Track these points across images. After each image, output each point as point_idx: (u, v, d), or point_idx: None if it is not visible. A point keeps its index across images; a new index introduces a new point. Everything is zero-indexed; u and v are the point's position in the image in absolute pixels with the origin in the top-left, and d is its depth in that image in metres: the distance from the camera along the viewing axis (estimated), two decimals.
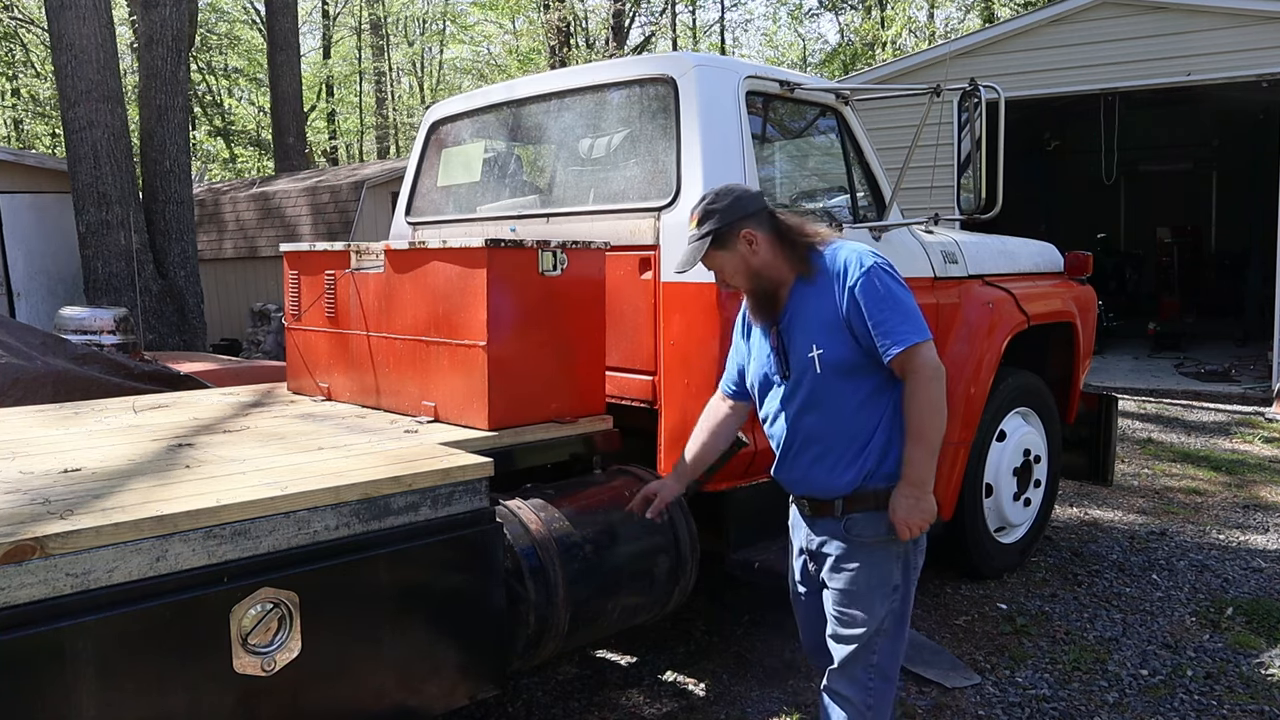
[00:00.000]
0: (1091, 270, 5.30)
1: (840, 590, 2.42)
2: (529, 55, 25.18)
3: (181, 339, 10.12)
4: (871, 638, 2.39)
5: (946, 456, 4.12)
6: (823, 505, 2.45)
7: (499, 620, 2.67)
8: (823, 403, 2.38)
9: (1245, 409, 8.93)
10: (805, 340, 2.38)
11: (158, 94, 10.21)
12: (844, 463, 2.39)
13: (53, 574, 1.93)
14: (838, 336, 2.34)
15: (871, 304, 2.30)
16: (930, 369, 2.30)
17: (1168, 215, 15.16)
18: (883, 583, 2.40)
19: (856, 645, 2.40)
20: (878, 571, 2.40)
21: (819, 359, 2.35)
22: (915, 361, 2.30)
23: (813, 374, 2.37)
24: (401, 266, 3.28)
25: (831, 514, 2.43)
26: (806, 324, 2.39)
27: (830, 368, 2.35)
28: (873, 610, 2.39)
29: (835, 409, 2.38)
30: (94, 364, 4.51)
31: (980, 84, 3.78)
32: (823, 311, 2.36)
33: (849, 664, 2.41)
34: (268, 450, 2.77)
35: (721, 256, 2.43)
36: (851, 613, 2.40)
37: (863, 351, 2.33)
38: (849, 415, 2.37)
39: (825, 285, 2.37)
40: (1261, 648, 3.85)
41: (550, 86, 3.98)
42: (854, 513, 2.40)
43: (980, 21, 23.15)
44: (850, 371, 2.35)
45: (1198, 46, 9.39)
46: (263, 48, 23.45)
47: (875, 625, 2.39)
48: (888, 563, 2.40)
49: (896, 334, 2.29)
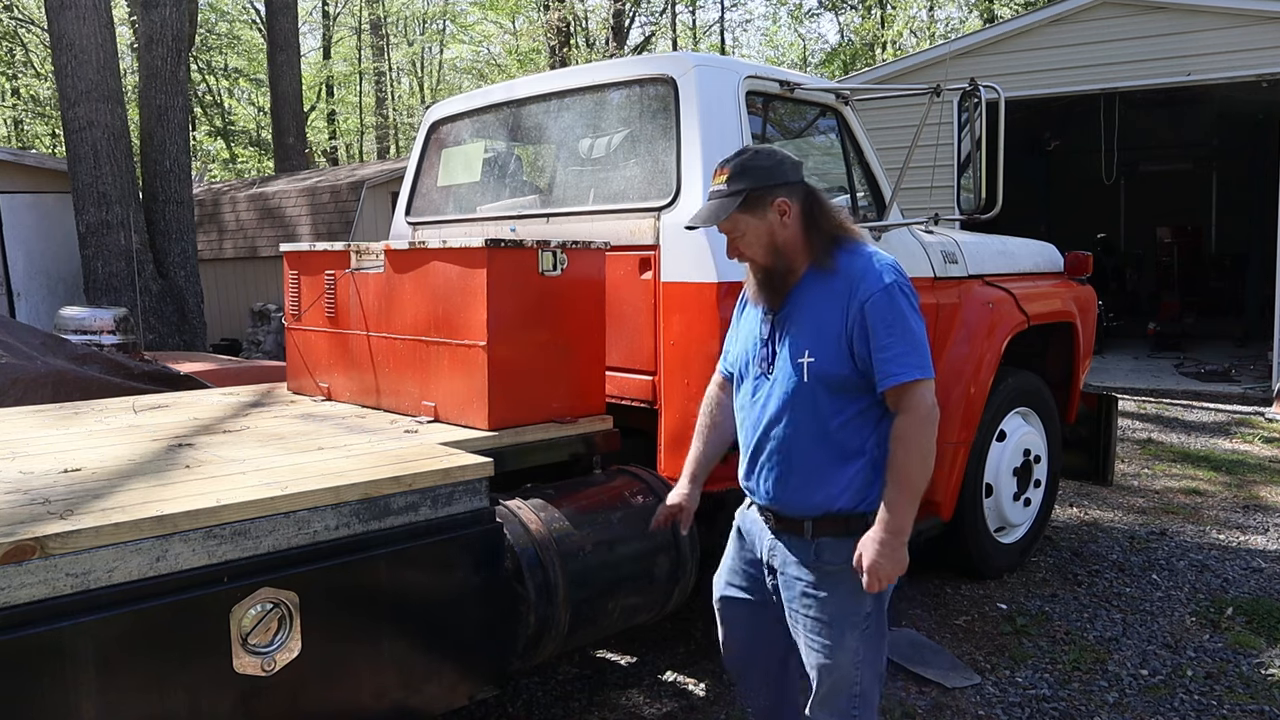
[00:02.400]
0: (1091, 270, 5.30)
1: (811, 619, 2.26)
2: (529, 55, 25.19)
3: (181, 339, 10.13)
4: (850, 669, 2.25)
5: (946, 456, 4.13)
6: (790, 523, 2.28)
7: (499, 620, 2.67)
8: (801, 413, 2.20)
9: (1245, 409, 8.93)
10: (799, 342, 2.20)
11: (158, 94, 10.21)
12: (815, 482, 2.21)
13: (53, 574, 1.93)
14: (835, 349, 2.16)
15: (880, 325, 2.12)
16: (926, 409, 2.12)
17: (1168, 215, 15.16)
18: (853, 612, 2.23)
19: (836, 676, 2.26)
20: (848, 602, 2.23)
21: (808, 366, 2.17)
22: (913, 399, 2.12)
23: (797, 380, 2.19)
24: (401, 266, 3.28)
25: (800, 534, 2.25)
26: (805, 325, 2.21)
27: (818, 379, 2.17)
28: (844, 642, 2.24)
29: (814, 423, 2.19)
30: (94, 364, 4.51)
31: (980, 84, 3.78)
32: (826, 317, 2.18)
33: (832, 697, 2.28)
34: (268, 450, 2.76)
35: (746, 221, 2.21)
36: (824, 643, 2.25)
37: (857, 371, 2.16)
38: (828, 434, 2.19)
39: (837, 289, 2.18)
40: (1261, 648, 3.85)
41: (550, 86, 3.98)
42: (825, 536, 2.22)
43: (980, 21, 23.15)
44: (839, 388, 2.17)
45: (1198, 46, 9.40)
46: (263, 48, 23.46)
47: (850, 656, 2.24)
48: (858, 592, 2.19)
49: (900, 363, 2.11)
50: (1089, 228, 14.70)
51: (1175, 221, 14.94)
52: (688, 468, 2.55)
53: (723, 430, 2.53)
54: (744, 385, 2.36)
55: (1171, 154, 15.11)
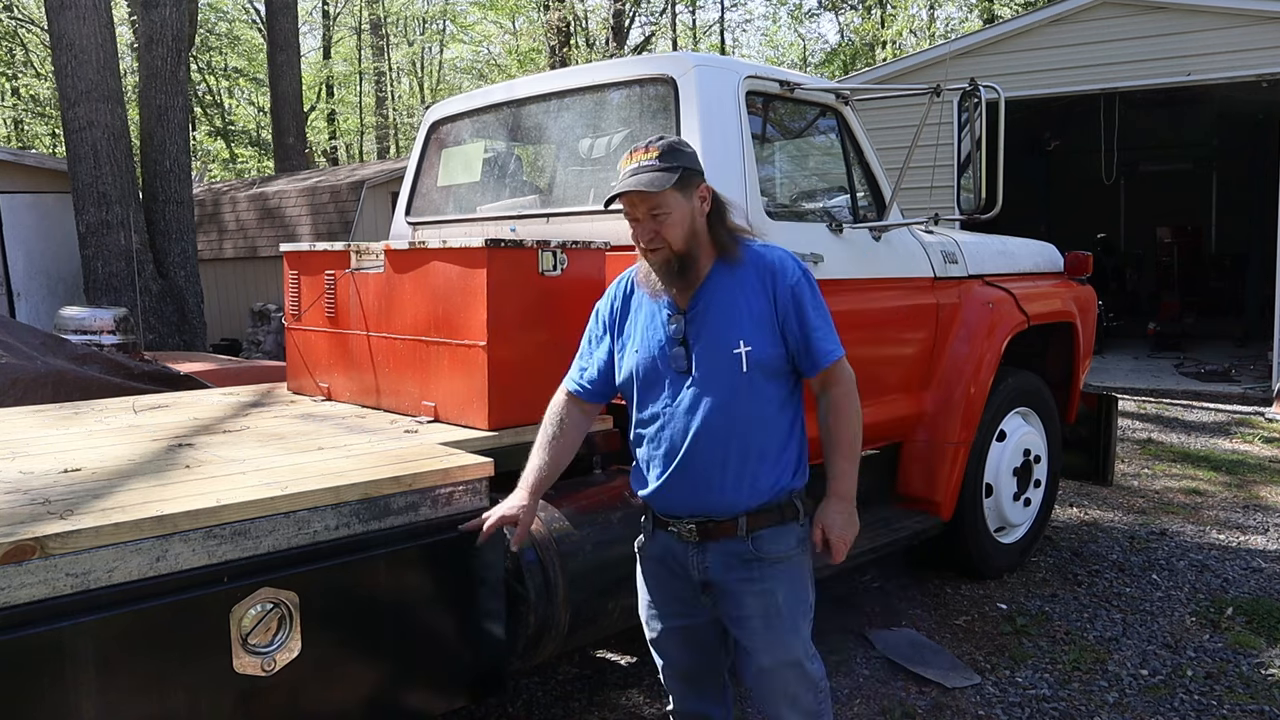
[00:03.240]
0: (1091, 270, 5.30)
1: (763, 617, 2.22)
2: (529, 55, 25.19)
3: (181, 339, 10.12)
4: (808, 662, 2.26)
5: (946, 456, 4.13)
6: (719, 527, 2.22)
7: (499, 620, 2.67)
8: (743, 403, 2.18)
9: (1245, 409, 8.93)
10: (727, 335, 2.18)
11: (158, 94, 10.21)
12: (755, 471, 2.19)
13: (53, 574, 1.93)
14: (768, 335, 2.19)
15: (811, 308, 2.21)
16: (852, 381, 2.26)
17: (1168, 215, 15.16)
18: (801, 600, 2.25)
19: (797, 672, 2.25)
20: (794, 591, 2.24)
21: (746, 356, 2.17)
22: (843, 373, 2.24)
23: (734, 372, 2.17)
24: (401, 266, 3.28)
25: (732, 535, 2.21)
26: (731, 316, 2.20)
27: (757, 366, 2.18)
28: (799, 630, 2.24)
29: (757, 410, 2.19)
30: (94, 364, 4.51)
31: (980, 84, 3.78)
32: (751, 306, 2.20)
33: (797, 695, 2.26)
34: (268, 450, 2.76)
35: (675, 200, 2.16)
36: (780, 638, 2.23)
37: (788, 354, 2.22)
38: (770, 419, 2.21)
39: (751, 279, 2.21)
40: (1261, 648, 3.85)
41: (550, 86, 3.98)
42: (761, 529, 2.21)
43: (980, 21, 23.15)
44: (773, 373, 2.21)
45: (1198, 46, 9.40)
46: (263, 48, 23.47)
47: (804, 646, 2.25)
48: (801, 579, 2.25)
49: (829, 343, 2.22)
50: (1089, 228, 14.70)
51: (1175, 221, 14.95)
52: (527, 479, 2.41)
53: (567, 444, 2.44)
54: (656, 392, 2.26)
55: (1171, 154, 15.11)
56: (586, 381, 2.44)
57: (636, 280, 2.35)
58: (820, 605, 2.40)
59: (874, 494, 4.24)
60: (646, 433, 2.29)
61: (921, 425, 4.19)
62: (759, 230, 3.28)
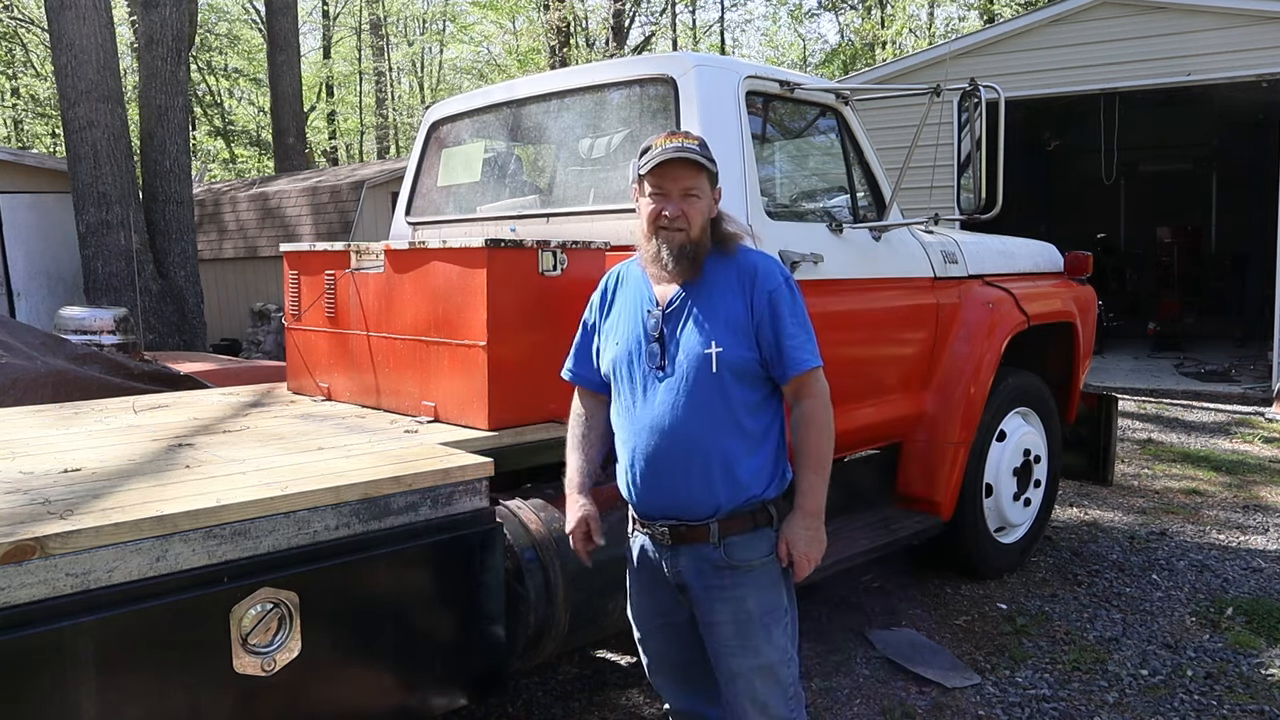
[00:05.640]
0: (1091, 270, 5.31)
1: (735, 625, 2.21)
2: (529, 55, 25.16)
3: (181, 339, 10.13)
4: (782, 668, 2.23)
5: (946, 456, 4.13)
6: (690, 531, 2.21)
7: (499, 620, 2.67)
8: (710, 405, 2.17)
9: (1245, 409, 8.93)
10: (701, 335, 2.18)
11: (158, 94, 10.22)
12: (723, 477, 2.17)
13: (53, 574, 1.93)
14: (742, 339, 2.19)
15: (788, 316, 2.20)
16: (826, 394, 2.23)
17: (1168, 215, 15.15)
18: (776, 606, 2.23)
19: (769, 678, 2.22)
20: (767, 597, 2.22)
21: (717, 357, 2.16)
22: (817, 384, 2.22)
23: (705, 373, 2.16)
24: (401, 266, 3.28)
25: (703, 540, 2.20)
26: (707, 316, 2.20)
27: (728, 369, 2.17)
28: (772, 638, 2.22)
29: (725, 414, 2.17)
30: (94, 364, 4.51)
31: (980, 84, 3.78)
32: (730, 307, 2.20)
33: (769, 701, 2.24)
34: (268, 450, 2.77)
35: (706, 188, 2.23)
36: (753, 645, 2.21)
37: (761, 358, 2.20)
38: (738, 423, 2.18)
39: (731, 282, 2.23)
40: (1261, 648, 3.85)
41: (550, 86, 3.98)
42: (732, 536, 2.19)
43: (980, 21, 23.15)
44: (744, 376, 2.19)
45: (1198, 46, 9.40)
46: (263, 48, 23.46)
47: (780, 654, 2.23)
48: (775, 586, 2.23)
49: (805, 350, 2.20)
50: (1089, 228, 14.69)
51: (1175, 221, 14.93)
52: (573, 482, 2.41)
53: (595, 437, 2.44)
54: (629, 387, 2.27)
55: (1171, 154, 15.09)
56: (587, 371, 2.45)
57: (642, 260, 2.33)
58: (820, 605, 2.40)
59: (874, 494, 4.25)
60: (623, 428, 2.30)
61: (921, 425, 4.19)
62: (759, 231, 3.28)
